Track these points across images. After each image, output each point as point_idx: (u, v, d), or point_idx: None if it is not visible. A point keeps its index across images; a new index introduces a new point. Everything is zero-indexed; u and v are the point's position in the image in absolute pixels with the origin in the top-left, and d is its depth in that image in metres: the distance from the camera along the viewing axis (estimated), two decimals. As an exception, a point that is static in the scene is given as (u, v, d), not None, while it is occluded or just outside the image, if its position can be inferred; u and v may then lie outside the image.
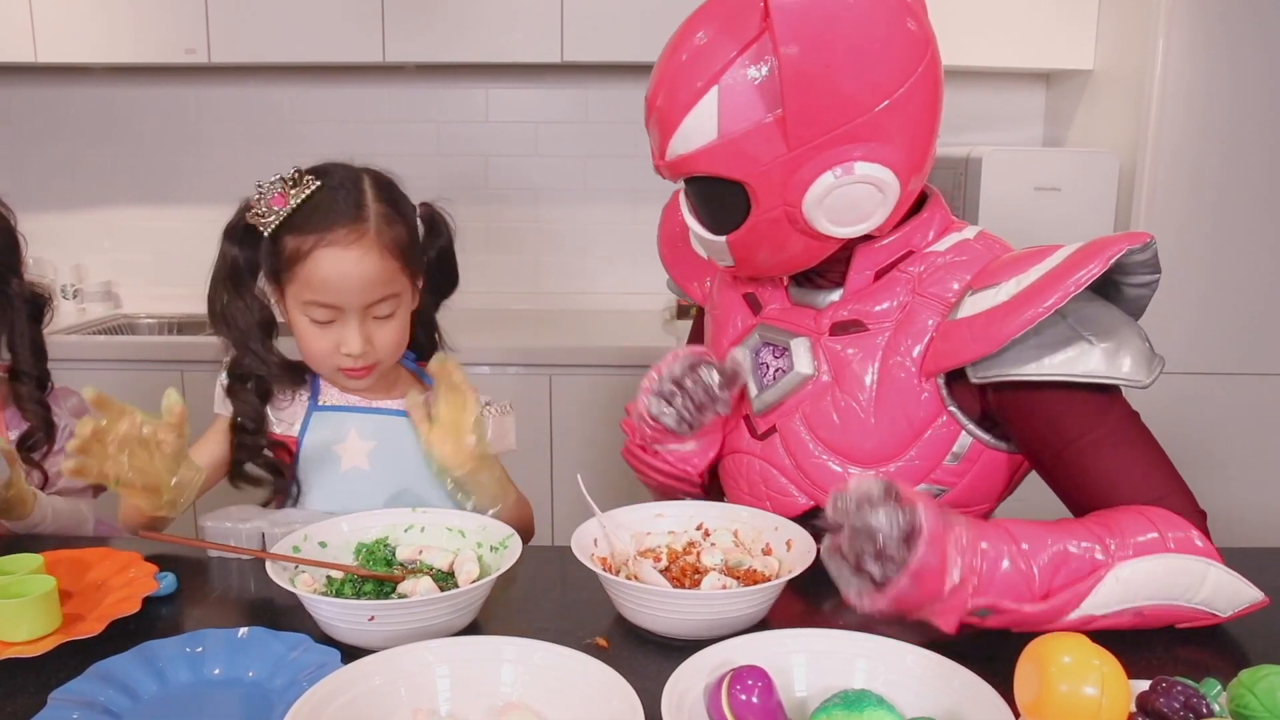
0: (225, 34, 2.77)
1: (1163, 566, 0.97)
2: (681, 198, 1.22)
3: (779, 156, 1.05)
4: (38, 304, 1.50)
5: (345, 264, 1.23)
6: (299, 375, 1.37)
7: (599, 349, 2.68)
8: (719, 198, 1.13)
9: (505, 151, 3.20)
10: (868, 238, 1.16)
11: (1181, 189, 2.48)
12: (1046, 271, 1.03)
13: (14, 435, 1.46)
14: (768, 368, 1.24)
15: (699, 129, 1.07)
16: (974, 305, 1.08)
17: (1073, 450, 1.05)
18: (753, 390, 1.26)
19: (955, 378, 1.12)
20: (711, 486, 1.37)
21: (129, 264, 3.28)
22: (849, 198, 1.07)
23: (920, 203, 1.21)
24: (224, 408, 1.35)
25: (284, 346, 1.37)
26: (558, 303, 3.25)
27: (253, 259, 1.30)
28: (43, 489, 1.44)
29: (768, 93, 1.03)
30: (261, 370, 1.33)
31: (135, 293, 3.26)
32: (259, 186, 1.27)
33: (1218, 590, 0.98)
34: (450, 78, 3.14)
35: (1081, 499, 1.07)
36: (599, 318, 3.07)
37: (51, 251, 3.17)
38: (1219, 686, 0.79)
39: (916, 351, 1.13)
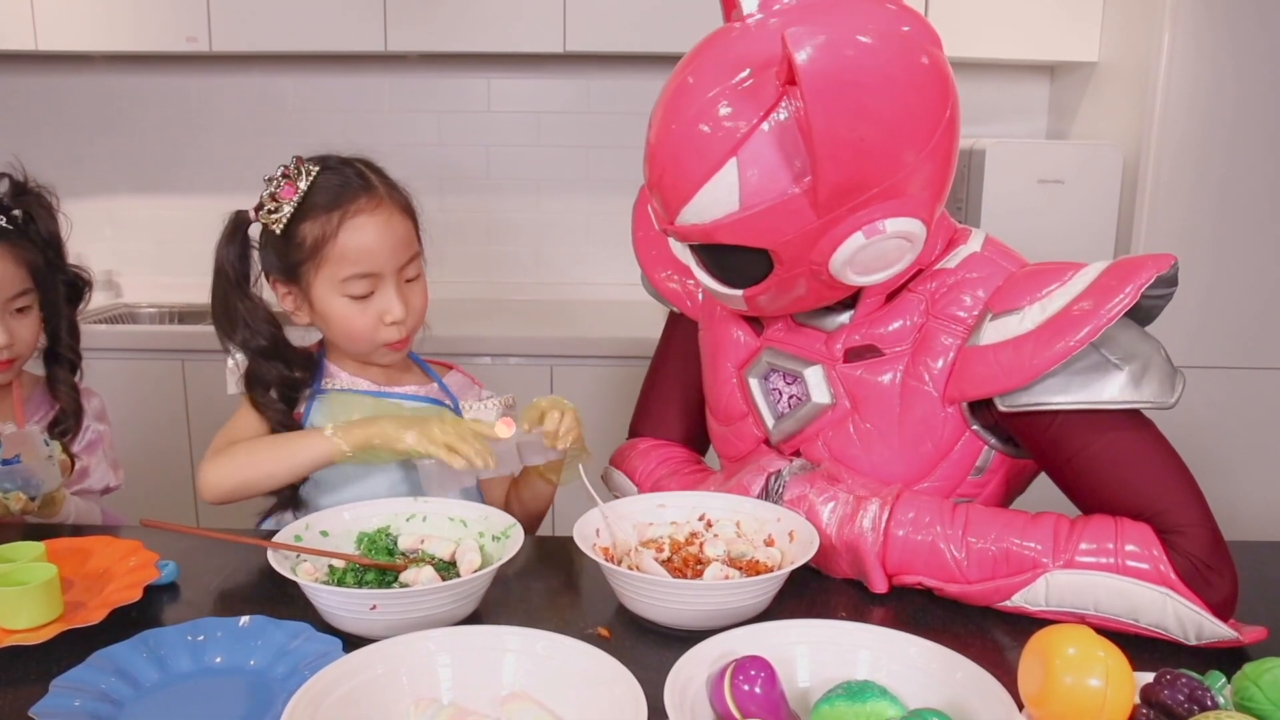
0: (227, 22, 2.76)
1: (1102, 584, 0.98)
2: (683, 250, 1.15)
3: (806, 224, 0.99)
4: (77, 287, 1.52)
5: (375, 229, 1.26)
6: (314, 363, 1.37)
7: (600, 339, 2.68)
8: (734, 260, 1.07)
9: (507, 141, 3.19)
10: None
11: (1185, 182, 2.47)
12: (1072, 299, 1.02)
13: (40, 420, 1.45)
14: (780, 394, 1.21)
15: (717, 201, 1.00)
16: (997, 332, 1.06)
17: (1081, 459, 1.04)
18: (768, 419, 1.22)
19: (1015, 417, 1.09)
20: None
21: (130, 253, 3.27)
22: (877, 252, 1.02)
23: None
24: (238, 386, 1.34)
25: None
26: (559, 293, 3.24)
27: (247, 265, 1.32)
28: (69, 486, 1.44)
29: (791, 161, 0.96)
30: (286, 371, 1.32)
31: (136, 282, 3.26)
32: (267, 183, 1.28)
33: (1174, 620, 0.97)
34: (452, 67, 3.13)
35: (1086, 505, 1.07)
36: (600, 308, 3.07)
37: (52, 240, 3.16)
38: (1224, 679, 0.79)
39: (937, 372, 1.10)
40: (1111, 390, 1.01)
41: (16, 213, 1.41)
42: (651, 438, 1.40)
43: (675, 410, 1.40)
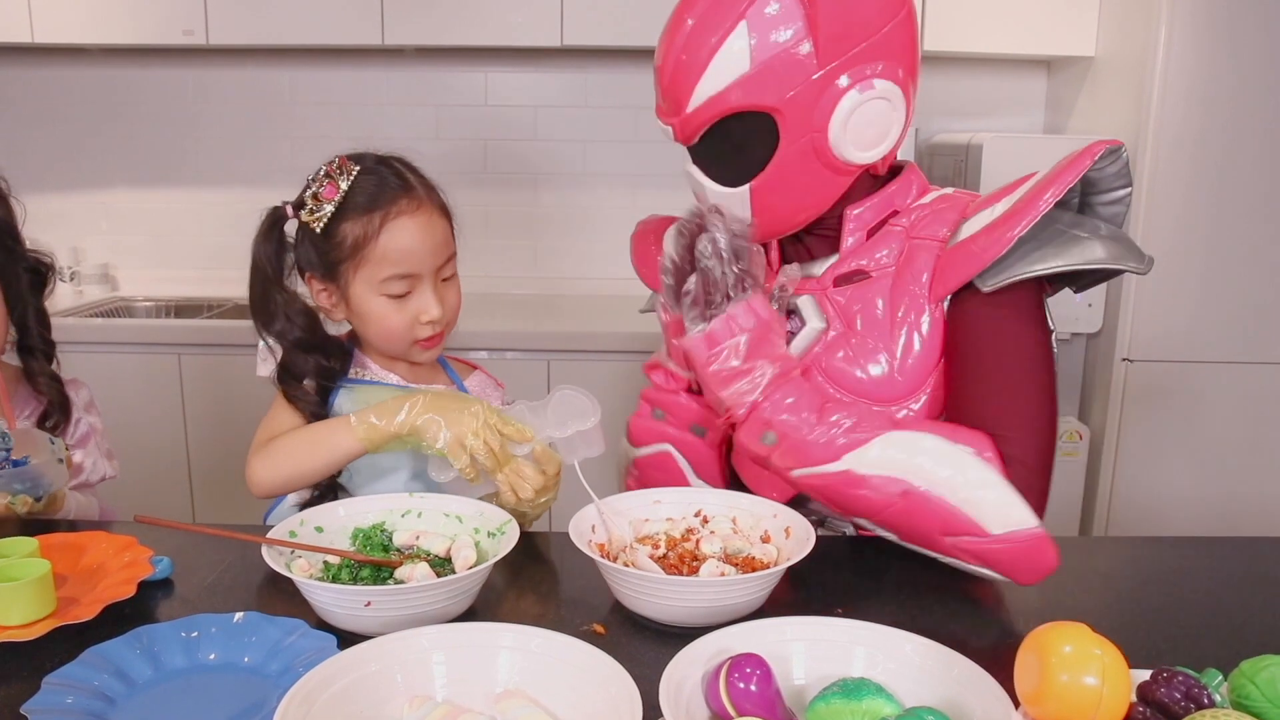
0: (224, 15, 2.75)
1: (930, 443, 1.05)
2: (689, 169, 1.23)
3: (809, 77, 1.10)
4: (40, 273, 1.47)
5: (417, 230, 1.28)
6: (346, 352, 1.37)
7: (597, 334, 2.67)
8: (741, 142, 1.16)
9: (504, 135, 3.18)
10: (856, 205, 1.22)
11: (1182, 177, 2.47)
12: (1035, 183, 1.13)
13: (30, 415, 1.44)
14: None
15: (730, 64, 1.11)
16: (971, 227, 1.16)
17: (973, 356, 1.14)
18: None
19: (957, 301, 1.17)
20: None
21: (127, 246, 3.26)
22: (868, 116, 1.13)
23: (897, 173, 1.27)
24: (267, 371, 1.33)
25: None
26: (556, 287, 3.24)
27: (283, 259, 1.31)
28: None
29: (793, 17, 1.10)
30: (324, 361, 1.32)
31: (133, 275, 3.25)
32: (310, 183, 1.28)
33: (987, 495, 1.03)
34: (450, 61, 3.12)
35: (953, 397, 1.17)
36: (597, 303, 3.06)
37: (48, 234, 3.11)
38: (1220, 676, 0.79)
39: (923, 279, 1.18)
40: (1091, 254, 1.09)
41: None
42: None
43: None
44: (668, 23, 1.17)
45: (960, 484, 1.03)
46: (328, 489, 1.30)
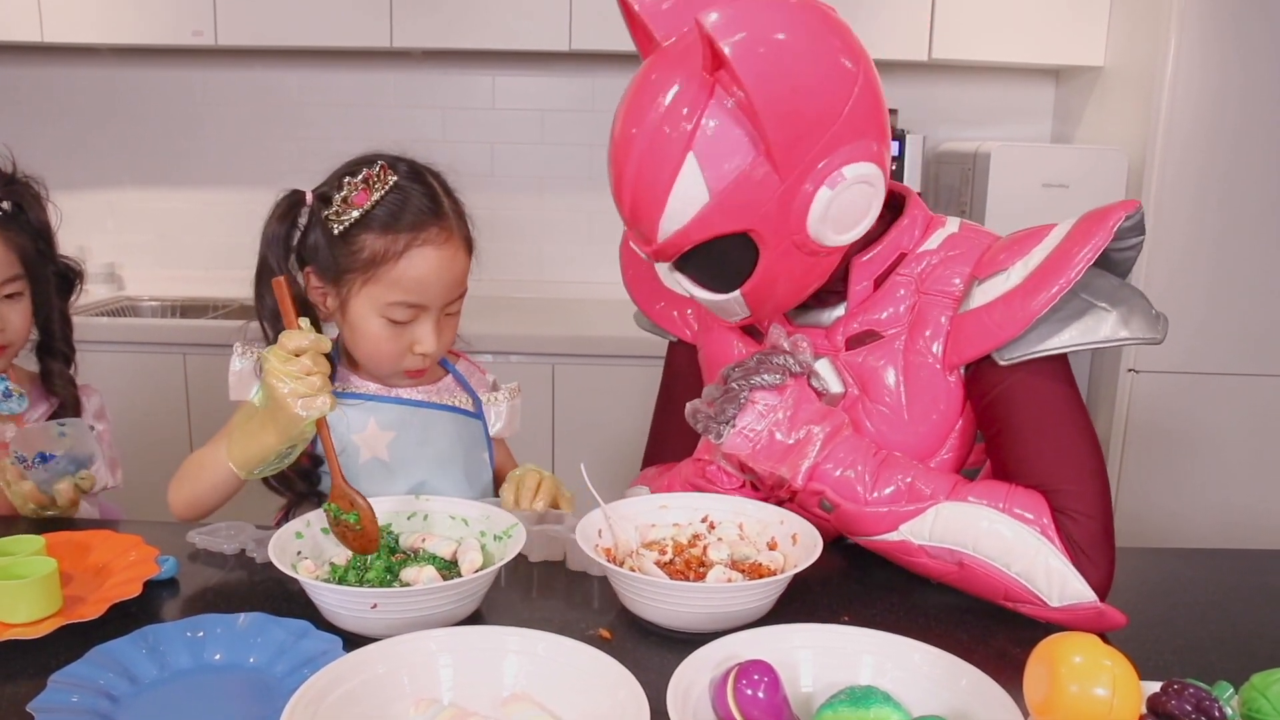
0: (233, 16, 2.76)
1: (986, 520, 1.04)
2: (676, 277, 1.17)
3: (774, 191, 1.02)
4: (68, 279, 1.51)
5: (438, 263, 1.23)
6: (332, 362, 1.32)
7: (602, 338, 2.67)
8: (721, 258, 1.09)
9: (511, 139, 3.18)
10: (861, 250, 1.17)
11: (1190, 187, 2.47)
12: (1052, 250, 1.07)
13: (39, 418, 1.45)
14: None
15: (688, 199, 1.03)
16: (985, 294, 1.10)
17: (1010, 423, 1.10)
18: None
19: (976, 368, 1.14)
20: None
21: (133, 246, 3.27)
22: (846, 203, 1.05)
23: (900, 205, 1.21)
24: (241, 394, 1.28)
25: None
26: (561, 291, 3.24)
27: (290, 244, 1.26)
28: None
29: (741, 137, 1.01)
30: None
31: (139, 275, 3.25)
32: (343, 183, 1.22)
33: (1043, 571, 1.02)
34: (457, 64, 3.13)
35: (997, 464, 1.13)
36: (602, 307, 3.06)
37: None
38: (1231, 689, 0.78)
39: (936, 347, 1.14)
40: (1104, 330, 1.06)
41: (5, 204, 1.41)
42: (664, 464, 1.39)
43: (687, 436, 1.38)
44: (614, 135, 1.08)
45: (1016, 558, 1.03)
46: (304, 495, 1.29)
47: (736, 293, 1.11)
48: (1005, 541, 1.03)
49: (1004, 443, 1.10)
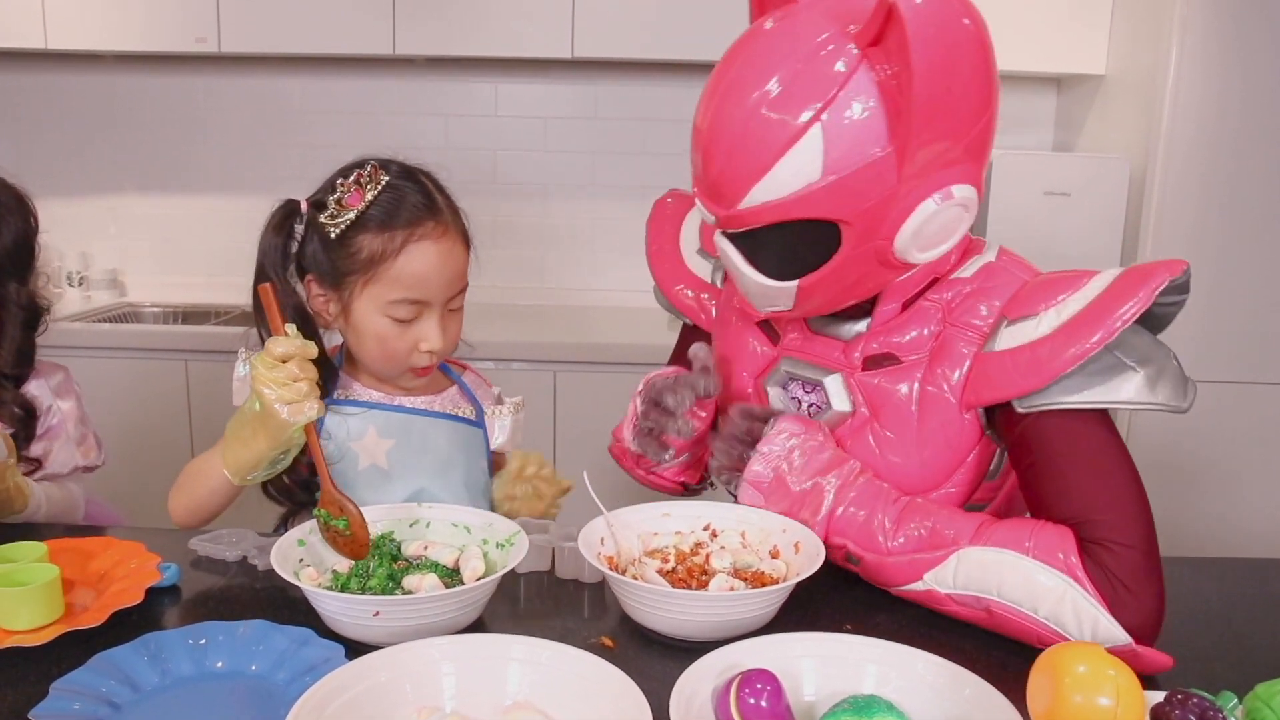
0: (236, 23, 2.76)
1: (1009, 565, 0.99)
2: (727, 250, 1.10)
3: (886, 188, 0.97)
4: (34, 312, 1.44)
5: (437, 258, 1.23)
6: (333, 369, 1.32)
7: (604, 345, 2.67)
8: (795, 244, 1.04)
9: (513, 146, 3.19)
10: None
11: (1192, 196, 2.47)
12: (1088, 304, 1.03)
13: None
14: (799, 403, 1.21)
15: (798, 171, 0.97)
16: (1013, 337, 1.06)
17: (1041, 459, 1.05)
18: None
19: (998, 409, 1.10)
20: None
21: (135, 252, 3.27)
22: (941, 221, 1.01)
23: None
24: (245, 400, 1.25)
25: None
26: (563, 298, 3.24)
27: (289, 252, 1.26)
28: (33, 474, 1.41)
29: (879, 122, 0.95)
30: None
31: (141, 281, 3.26)
32: (336, 186, 1.23)
33: (1071, 613, 0.97)
34: (460, 71, 3.13)
35: (1032, 503, 1.08)
36: (604, 314, 3.06)
37: (57, 238, 3.14)
38: (1235, 699, 0.78)
39: (955, 380, 1.11)
40: (1128, 391, 1.02)
41: None
42: None
43: None
44: (716, 87, 1.01)
45: (1041, 601, 0.98)
46: (304, 504, 1.29)
47: (793, 284, 1.07)
48: (1029, 585, 0.98)
49: (1036, 476, 1.05)
